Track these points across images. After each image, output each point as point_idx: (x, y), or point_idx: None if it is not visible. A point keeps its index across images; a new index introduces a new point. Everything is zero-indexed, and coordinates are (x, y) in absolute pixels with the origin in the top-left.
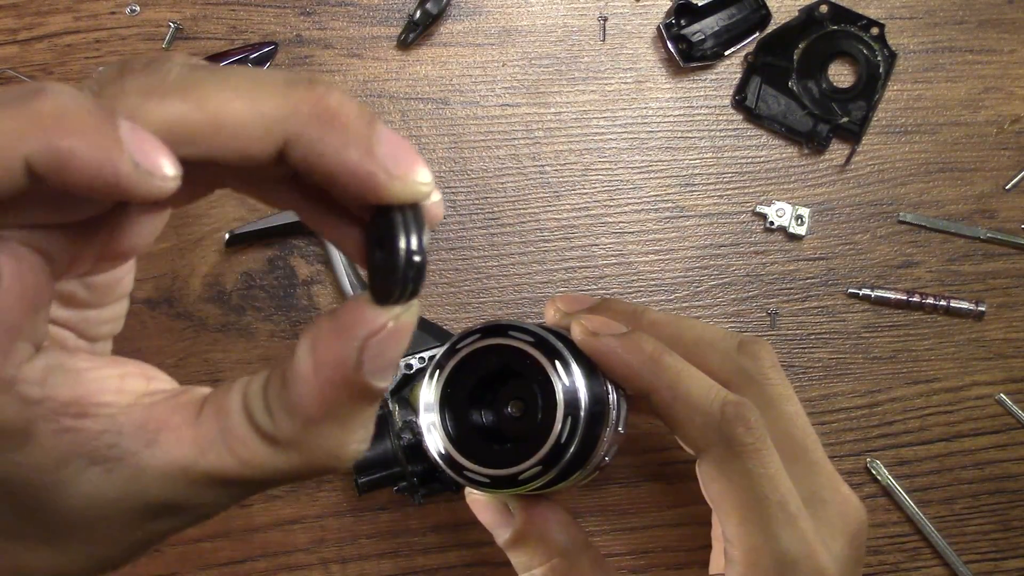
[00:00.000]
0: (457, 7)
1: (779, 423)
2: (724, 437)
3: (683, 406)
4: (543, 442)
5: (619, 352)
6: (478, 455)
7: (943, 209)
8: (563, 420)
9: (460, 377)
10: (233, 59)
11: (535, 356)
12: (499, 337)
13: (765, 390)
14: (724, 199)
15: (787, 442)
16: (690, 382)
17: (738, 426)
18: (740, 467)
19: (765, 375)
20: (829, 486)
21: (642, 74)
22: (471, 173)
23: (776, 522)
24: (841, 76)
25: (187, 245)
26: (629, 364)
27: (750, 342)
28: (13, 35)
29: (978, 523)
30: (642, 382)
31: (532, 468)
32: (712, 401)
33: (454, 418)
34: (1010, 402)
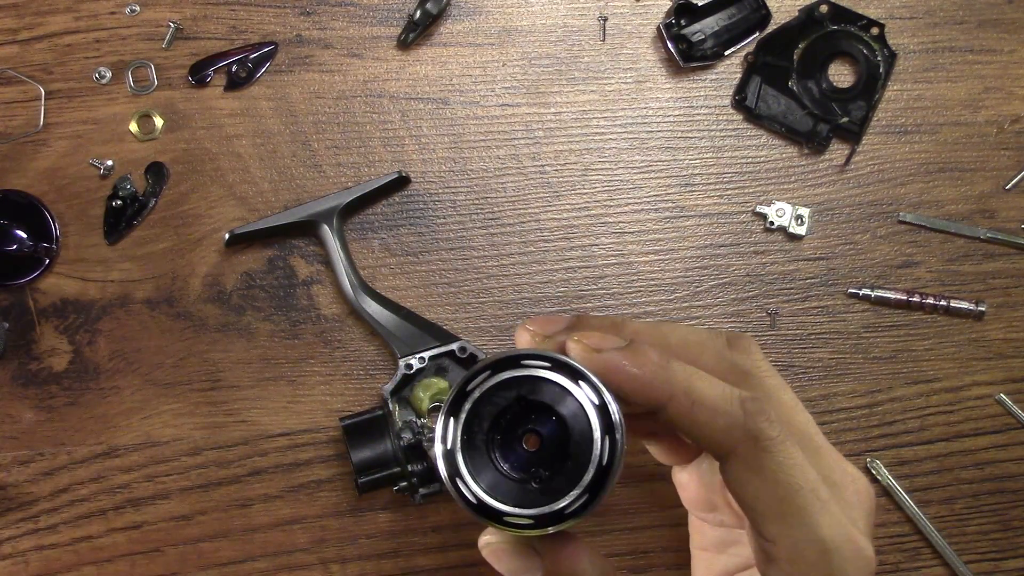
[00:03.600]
0: (457, 7)
1: (782, 413)
2: (751, 435)
3: (703, 410)
4: (585, 468)
5: (627, 366)
6: (514, 497)
7: (943, 209)
8: (602, 441)
9: (477, 420)
10: (233, 59)
11: (557, 381)
12: (513, 369)
13: (763, 383)
14: (724, 199)
15: (792, 431)
16: (704, 384)
17: (762, 420)
18: (771, 461)
19: (760, 368)
20: (838, 468)
21: (642, 74)
22: (471, 173)
23: (814, 511)
24: (841, 76)
25: (187, 245)
26: (639, 376)
27: (736, 337)
28: (13, 35)
29: (978, 523)
30: (656, 392)
31: (578, 498)
32: (730, 400)
33: (479, 464)
34: (1010, 402)
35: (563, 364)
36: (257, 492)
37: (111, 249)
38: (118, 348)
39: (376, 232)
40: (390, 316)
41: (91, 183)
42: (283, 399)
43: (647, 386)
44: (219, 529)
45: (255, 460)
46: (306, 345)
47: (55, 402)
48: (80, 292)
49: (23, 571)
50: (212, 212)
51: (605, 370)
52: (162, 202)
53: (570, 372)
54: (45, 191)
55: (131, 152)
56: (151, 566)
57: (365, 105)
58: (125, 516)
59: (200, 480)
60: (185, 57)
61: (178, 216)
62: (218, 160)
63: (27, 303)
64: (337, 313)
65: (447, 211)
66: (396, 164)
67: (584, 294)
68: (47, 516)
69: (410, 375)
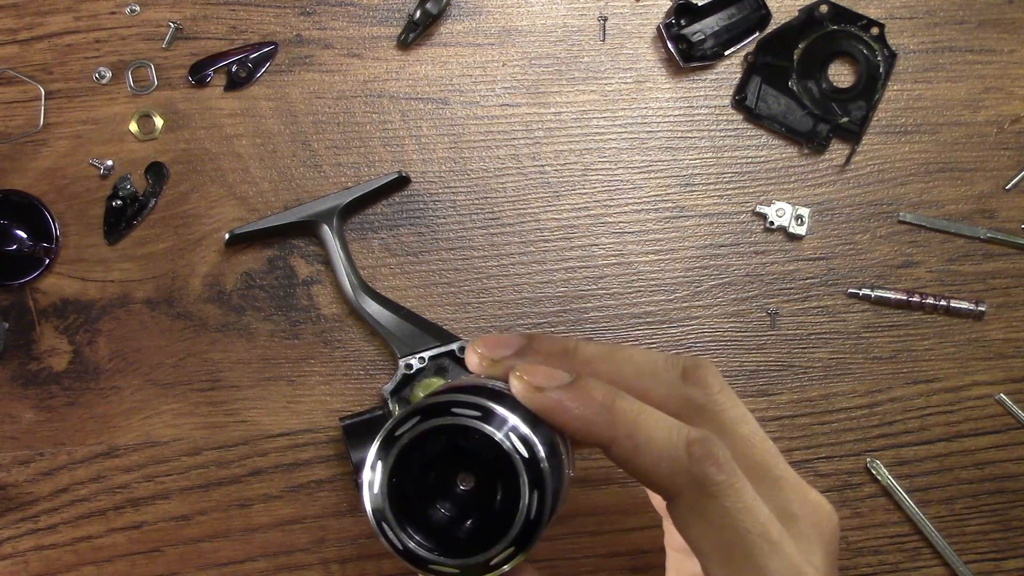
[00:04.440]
0: (457, 7)
1: (737, 447)
2: (695, 480)
3: (646, 454)
4: (511, 522)
5: (569, 406)
6: (440, 545)
7: (943, 209)
8: (529, 495)
9: (405, 465)
10: (233, 59)
11: (485, 432)
12: (442, 417)
13: (718, 417)
14: (724, 199)
15: (749, 464)
16: (649, 426)
17: (709, 465)
18: (717, 507)
19: (715, 402)
20: (797, 499)
21: (642, 74)
22: (471, 173)
23: (762, 554)
24: (841, 76)
25: (187, 245)
26: (582, 418)
27: (693, 367)
28: (13, 35)
29: (978, 523)
30: (599, 434)
31: (504, 551)
32: (676, 443)
33: (407, 510)
34: (1010, 402)
35: (491, 414)
36: (257, 492)
37: (111, 249)
38: (118, 348)
39: (376, 232)
40: (390, 316)
41: (91, 183)
42: (283, 399)
43: (590, 427)
44: (219, 529)
45: (255, 460)
46: (306, 345)
47: (55, 402)
48: (80, 292)
49: (23, 571)
50: (212, 212)
51: (545, 410)
52: (162, 202)
53: (498, 422)
54: (45, 191)
55: (131, 152)
56: (151, 566)
57: (365, 105)
58: (125, 516)
59: (200, 480)
60: (185, 57)
61: (178, 216)
62: (218, 160)
63: (27, 303)
64: (337, 313)
65: (447, 211)
66: (396, 164)
67: (584, 294)
68: (47, 516)
69: (410, 375)
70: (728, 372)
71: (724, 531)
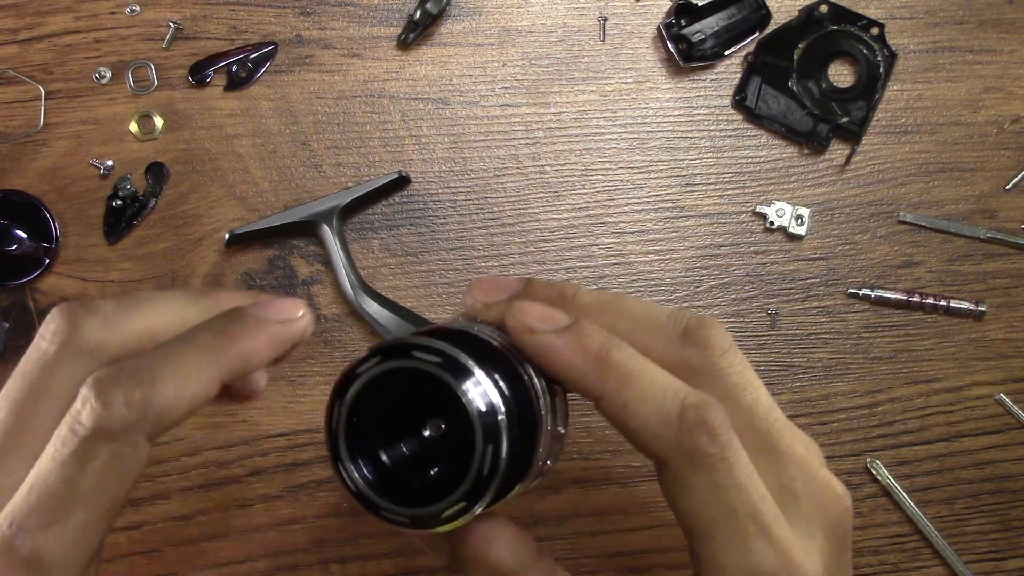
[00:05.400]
0: (457, 7)
1: (738, 416)
2: (684, 449)
3: (635, 414)
4: (463, 476)
5: (561, 351)
6: (396, 492)
7: (943, 209)
8: (483, 450)
9: (364, 405)
10: (233, 59)
11: (443, 378)
12: (401, 359)
13: (718, 383)
14: (724, 199)
15: (750, 436)
16: (643, 383)
17: (701, 435)
18: (706, 480)
19: (715, 366)
20: (801, 476)
21: (642, 74)
22: (471, 173)
23: (748, 536)
24: (841, 76)
25: (187, 245)
26: (572, 367)
27: (696, 327)
28: (13, 35)
29: (978, 523)
30: (587, 385)
31: (455, 505)
32: (669, 406)
33: (364, 451)
34: (1010, 402)
35: (452, 361)
36: (257, 492)
37: (111, 249)
38: None
39: (376, 232)
40: (390, 316)
41: (91, 183)
42: (283, 399)
43: (580, 376)
44: (219, 529)
45: (255, 460)
46: (306, 345)
47: None
48: (80, 292)
49: None
50: (212, 212)
51: (536, 354)
52: (162, 202)
53: (458, 370)
54: (45, 191)
55: (131, 152)
56: (151, 566)
57: (365, 105)
58: (125, 516)
59: (200, 480)
60: (185, 57)
61: (178, 216)
62: (218, 160)
63: (27, 303)
64: (337, 313)
65: (447, 211)
66: (396, 164)
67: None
68: None
69: None
70: None
71: (710, 507)
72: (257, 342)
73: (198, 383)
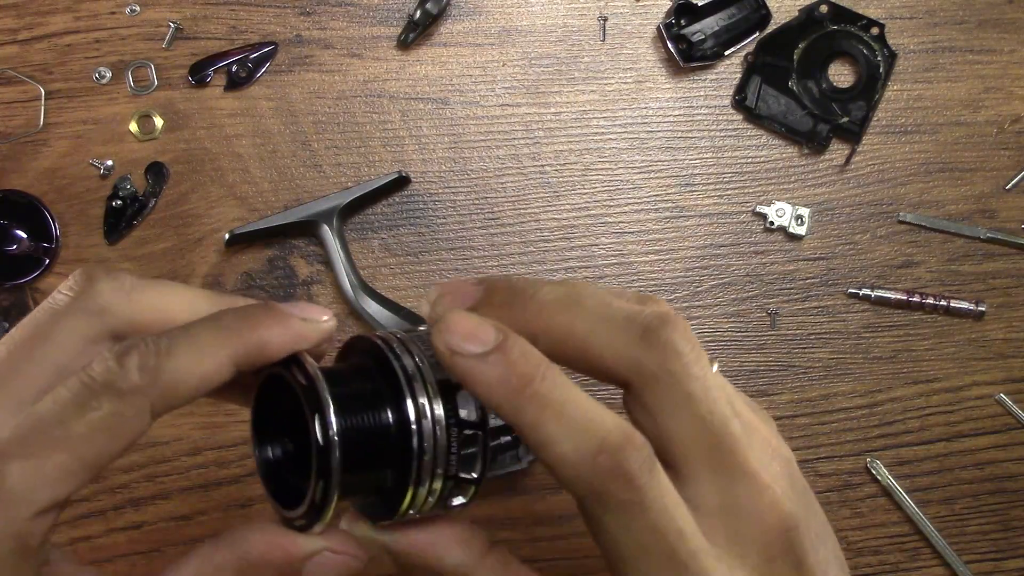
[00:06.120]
0: (457, 7)
1: (688, 428)
2: (597, 493)
3: (550, 451)
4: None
5: (479, 377)
6: (280, 490)
7: (943, 209)
8: (316, 481)
9: (264, 402)
10: (233, 59)
11: (302, 400)
12: (283, 367)
13: (670, 392)
14: (724, 199)
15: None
16: (562, 420)
17: (612, 482)
18: (617, 521)
19: (670, 373)
20: (747, 494)
21: (642, 74)
22: (471, 173)
23: (662, 573)
24: (841, 76)
25: (187, 245)
26: (490, 393)
27: (657, 327)
28: (13, 35)
29: (978, 523)
30: (504, 415)
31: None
32: (586, 447)
33: (262, 445)
34: (1010, 402)
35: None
36: (257, 492)
37: (111, 249)
38: None
39: (376, 232)
40: (390, 316)
41: (91, 183)
42: None
43: (497, 406)
44: (219, 529)
45: None
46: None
47: None
48: None
49: None
50: (212, 212)
51: (457, 376)
52: (162, 202)
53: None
54: (45, 191)
55: (131, 152)
56: (151, 566)
57: (365, 105)
58: (125, 516)
59: (200, 480)
60: (185, 57)
61: (178, 216)
62: (218, 160)
63: (27, 303)
64: (337, 313)
65: (447, 211)
66: (396, 164)
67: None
68: None
69: None
70: (728, 372)
71: (622, 546)
72: (276, 332)
73: (212, 362)
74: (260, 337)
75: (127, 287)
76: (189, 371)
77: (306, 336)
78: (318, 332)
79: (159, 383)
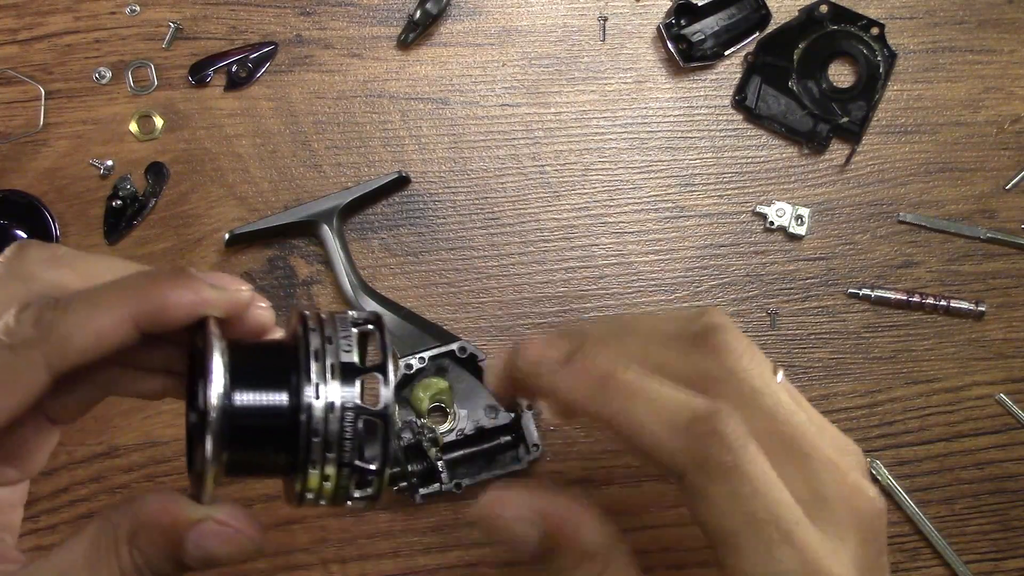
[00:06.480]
0: (457, 7)
1: (759, 421)
2: (698, 461)
3: (644, 432)
4: None
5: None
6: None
7: (943, 209)
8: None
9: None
10: (233, 59)
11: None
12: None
13: (735, 389)
14: (724, 199)
15: (774, 441)
16: (649, 401)
17: (711, 446)
18: (722, 490)
19: (732, 372)
20: (831, 479)
21: (642, 74)
22: (471, 173)
23: (771, 543)
24: (841, 76)
25: (187, 245)
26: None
27: (706, 332)
28: (13, 35)
29: (978, 523)
30: (595, 412)
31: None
32: (678, 419)
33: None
34: (1010, 402)
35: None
36: (257, 492)
37: (111, 249)
38: None
39: (376, 232)
40: (390, 316)
41: (91, 183)
42: None
43: (587, 404)
44: None
45: None
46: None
47: None
48: None
49: None
50: (212, 212)
51: (549, 390)
52: (162, 202)
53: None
54: (45, 191)
55: (131, 152)
56: None
57: (365, 105)
58: None
59: None
60: (185, 57)
61: (178, 216)
62: (218, 160)
63: None
64: None
65: (447, 211)
66: (396, 164)
67: (584, 294)
68: (47, 516)
69: (410, 375)
70: None
71: (729, 517)
72: (179, 294)
73: (108, 317)
74: (161, 297)
75: (58, 257)
76: (83, 325)
77: (212, 302)
78: (227, 300)
79: (51, 336)
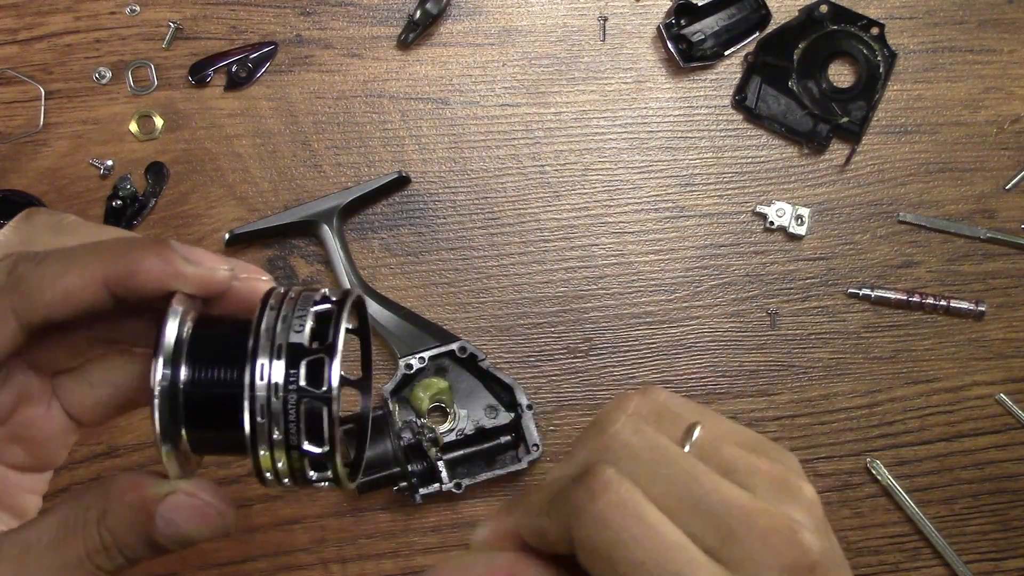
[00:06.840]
0: (457, 7)
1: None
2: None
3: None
4: None
5: None
6: None
7: (943, 209)
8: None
9: None
10: (233, 59)
11: None
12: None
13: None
14: (724, 199)
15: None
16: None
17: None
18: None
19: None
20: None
21: (642, 74)
22: (471, 173)
23: None
24: (841, 76)
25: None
26: None
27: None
28: (13, 35)
29: (978, 523)
30: None
31: None
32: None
33: None
34: (1010, 402)
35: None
36: (257, 492)
37: None
38: None
39: (376, 232)
40: (390, 316)
41: (91, 183)
42: None
43: None
44: None
45: None
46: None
47: None
48: None
49: None
50: (212, 212)
51: None
52: (162, 202)
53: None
54: (45, 191)
55: (131, 152)
56: (151, 566)
57: (365, 105)
58: None
59: None
60: (185, 57)
61: (178, 216)
62: (218, 160)
63: None
64: None
65: (447, 211)
66: (396, 164)
67: (584, 294)
68: None
69: (410, 375)
70: (728, 372)
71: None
72: (151, 262)
73: (78, 275)
74: (132, 262)
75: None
76: (53, 280)
77: (184, 275)
78: (199, 276)
79: (21, 287)
